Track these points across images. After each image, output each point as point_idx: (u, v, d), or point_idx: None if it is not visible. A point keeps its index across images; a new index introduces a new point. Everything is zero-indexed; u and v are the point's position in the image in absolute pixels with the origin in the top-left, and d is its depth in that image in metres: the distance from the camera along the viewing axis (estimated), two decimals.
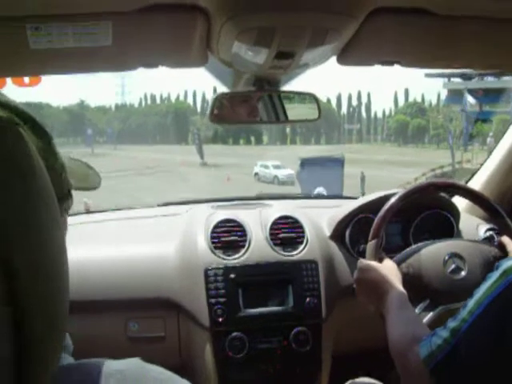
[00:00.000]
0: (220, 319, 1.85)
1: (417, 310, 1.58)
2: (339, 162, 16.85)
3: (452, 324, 1.10)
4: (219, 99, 1.70)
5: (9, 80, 1.93)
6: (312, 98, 1.78)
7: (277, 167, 32.63)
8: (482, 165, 2.35)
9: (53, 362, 0.56)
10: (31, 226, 0.51)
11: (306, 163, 17.37)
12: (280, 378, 1.90)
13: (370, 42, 1.22)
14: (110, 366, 0.62)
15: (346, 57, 1.30)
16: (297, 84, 1.72)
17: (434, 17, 1.07)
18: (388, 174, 32.36)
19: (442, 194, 2.10)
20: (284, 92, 1.73)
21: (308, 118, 1.82)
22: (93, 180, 0.88)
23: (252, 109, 1.75)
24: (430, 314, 1.59)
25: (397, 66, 1.42)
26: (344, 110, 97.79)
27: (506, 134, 2.22)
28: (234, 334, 1.86)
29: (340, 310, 2.00)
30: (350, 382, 1.83)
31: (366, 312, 1.58)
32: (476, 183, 2.31)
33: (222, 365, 1.87)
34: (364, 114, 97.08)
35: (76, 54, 1.16)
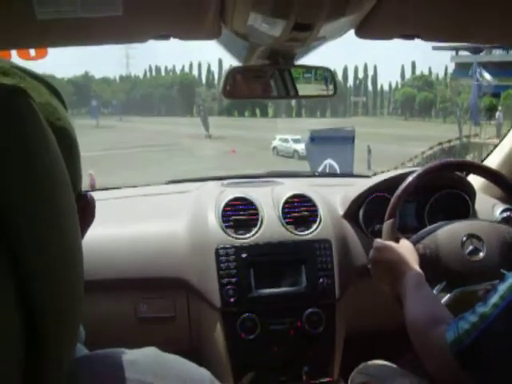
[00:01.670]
0: (231, 299, 1.82)
1: (434, 292, 1.54)
2: (350, 134, 16.57)
3: (481, 309, 1.06)
4: (232, 73, 1.65)
5: (14, 53, 1.87)
6: (328, 72, 1.73)
7: (296, 141, 32.09)
8: (496, 145, 2.30)
9: (68, 354, 0.53)
10: (41, 207, 0.47)
11: (315, 135, 17.12)
12: (292, 359, 1.88)
13: (390, 14, 1.17)
14: (125, 356, 0.60)
15: (365, 29, 1.26)
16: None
17: None
18: (395, 148, 32.32)
19: (458, 173, 2.05)
20: (299, 66, 1.68)
21: (323, 93, 1.77)
22: None
23: (265, 83, 1.70)
24: (448, 296, 1.56)
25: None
26: (350, 82, 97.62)
27: None
28: (246, 314, 1.83)
29: (353, 291, 1.97)
30: (363, 364, 1.81)
31: (380, 293, 1.56)
32: (492, 162, 2.26)
33: (234, 346, 1.85)
34: (370, 86, 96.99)
35: (84, 25, 1.12)
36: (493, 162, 2.27)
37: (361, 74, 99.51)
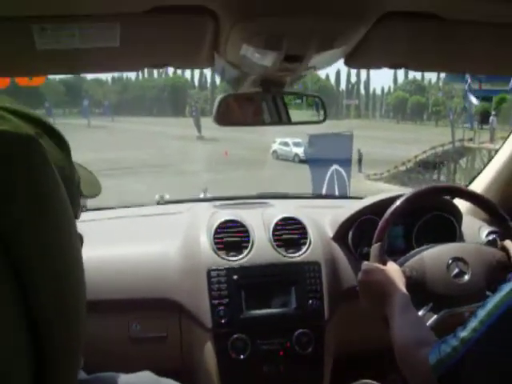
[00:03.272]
0: (222, 320, 1.85)
1: (420, 313, 1.57)
2: (348, 139, 16.48)
3: (462, 333, 1.09)
4: (224, 100, 1.67)
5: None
6: (318, 99, 1.76)
7: (297, 144, 31.44)
8: (489, 163, 2.34)
9: (75, 375, 0.56)
10: (50, 242, 0.52)
11: (314, 139, 17.02)
12: (282, 379, 1.90)
13: (378, 45, 1.20)
14: (122, 379, 0.63)
15: (354, 60, 1.28)
16: None
17: (442, 22, 1.05)
18: (387, 151, 32.29)
19: (445, 197, 2.09)
20: (290, 93, 1.71)
21: (313, 119, 1.80)
22: (93, 187, 0.89)
23: (257, 110, 1.72)
24: (434, 318, 1.59)
25: None
26: (343, 86, 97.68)
27: (510, 136, 2.21)
28: (237, 335, 1.85)
29: (342, 312, 2.00)
30: None
31: (369, 314, 1.58)
32: (478, 186, 2.31)
33: (225, 366, 1.87)
34: (363, 90, 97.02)
35: (83, 55, 1.14)
36: (479, 185, 2.31)
37: (353, 79, 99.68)
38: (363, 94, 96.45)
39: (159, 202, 2.54)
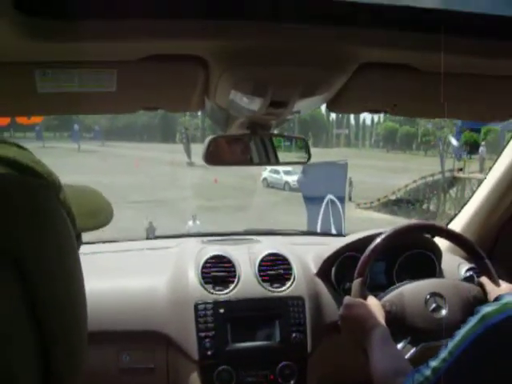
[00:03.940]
0: (209, 352, 1.90)
1: (399, 346, 1.64)
2: (342, 168, 16.44)
3: (433, 363, 1.15)
4: (214, 141, 1.75)
5: None
6: (302, 141, 1.84)
7: (288, 173, 31.17)
8: (476, 190, 2.41)
9: None
10: (59, 269, 0.62)
11: (307, 168, 16.96)
12: None
13: (358, 92, 1.26)
14: None
15: (336, 105, 1.35)
16: None
17: (417, 72, 1.13)
18: (377, 180, 32.29)
19: (425, 235, 2.16)
20: (276, 135, 1.79)
21: (298, 160, 1.88)
22: (104, 215, 0.93)
23: (245, 151, 1.79)
24: (412, 350, 1.66)
25: None
26: (333, 116, 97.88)
27: (487, 178, 2.30)
28: (222, 367, 1.91)
29: (325, 346, 2.05)
30: None
31: (350, 347, 1.64)
32: (458, 224, 2.38)
33: None
34: (352, 120, 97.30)
35: (81, 98, 1.20)
36: (459, 223, 2.39)
37: None
38: (353, 123, 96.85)
39: (148, 228, 2.62)
